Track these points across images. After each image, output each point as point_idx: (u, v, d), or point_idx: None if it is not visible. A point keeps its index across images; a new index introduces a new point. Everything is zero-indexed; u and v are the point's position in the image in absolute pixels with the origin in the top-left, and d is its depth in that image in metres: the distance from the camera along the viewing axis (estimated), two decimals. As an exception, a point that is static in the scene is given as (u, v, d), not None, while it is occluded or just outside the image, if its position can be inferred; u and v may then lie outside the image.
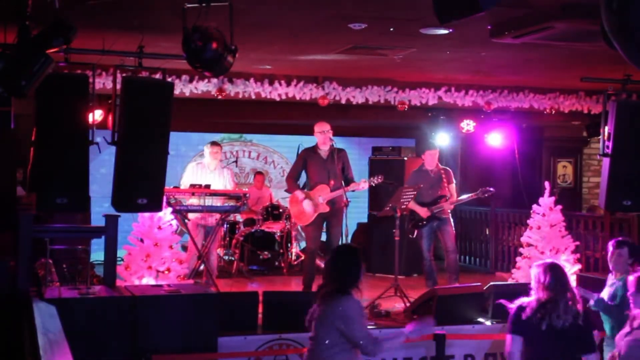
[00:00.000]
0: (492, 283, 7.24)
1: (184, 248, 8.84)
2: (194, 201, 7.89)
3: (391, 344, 4.59)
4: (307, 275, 7.98)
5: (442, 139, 11.13)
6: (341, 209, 7.89)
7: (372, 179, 8.13)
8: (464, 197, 8.75)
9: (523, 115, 11.11)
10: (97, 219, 7.44)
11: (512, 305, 4.51)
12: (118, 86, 5.60)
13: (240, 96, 9.09)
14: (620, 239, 5.84)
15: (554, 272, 4.41)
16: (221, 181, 8.45)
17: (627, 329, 4.86)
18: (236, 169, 12.08)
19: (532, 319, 4.36)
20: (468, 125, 11.10)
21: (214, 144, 8.69)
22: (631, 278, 4.95)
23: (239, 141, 12.68)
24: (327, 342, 4.32)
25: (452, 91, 9.87)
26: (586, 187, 12.90)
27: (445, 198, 8.47)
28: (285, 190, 8.61)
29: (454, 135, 11.58)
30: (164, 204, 6.40)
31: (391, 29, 6.59)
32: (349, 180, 8.00)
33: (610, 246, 5.72)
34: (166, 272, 7.16)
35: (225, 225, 9.95)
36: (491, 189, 8.51)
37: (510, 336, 4.44)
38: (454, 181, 8.71)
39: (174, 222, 7.44)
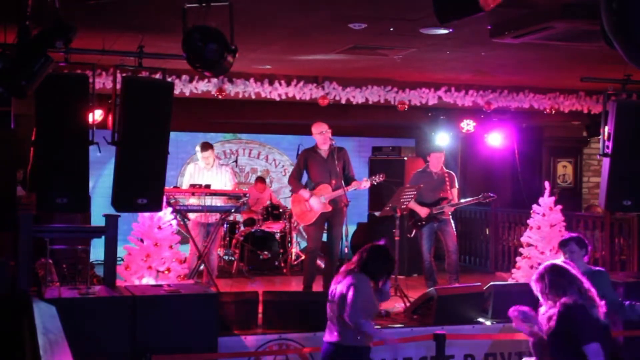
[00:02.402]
0: (492, 283, 7.23)
1: (184, 240, 8.78)
2: (194, 201, 7.88)
3: (370, 331, 4.85)
4: (307, 275, 7.98)
5: (442, 139, 11.12)
6: (342, 208, 7.89)
7: (373, 177, 8.11)
8: (466, 200, 8.74)
9: (523, 115, 11.11)
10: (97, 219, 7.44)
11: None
12: (118, 86, 5.60)
13: (240, 96, 9.09)
14: (563, 238, 5.60)
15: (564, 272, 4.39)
16: (220, 178, 8.39)
17: None
18: (236, 168, 12.07)
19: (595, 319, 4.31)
20: (468, 125, 11.10)
21: (204, 148, 8.38)
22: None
23: (238, 139, 12.65)
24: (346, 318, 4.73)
25: (452, 91, 9.87)
26: (586, 187, 12.89)
27: (447, 200, 8.46)
28: (290, 191, 8.59)
29: (454, 135, 11.58)
30: (164, 204, 6.39)
31: (391, 29, 6.59)
32: (350, 179, 7.98)
33: (560, 250, 5.54)
34: (166, 272, 7.16)
35: (225, 225, 9.94)
36: (492, 195, 8.48)
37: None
38: (457, 186, 8.69)
39: (174, 222, 7.43)
